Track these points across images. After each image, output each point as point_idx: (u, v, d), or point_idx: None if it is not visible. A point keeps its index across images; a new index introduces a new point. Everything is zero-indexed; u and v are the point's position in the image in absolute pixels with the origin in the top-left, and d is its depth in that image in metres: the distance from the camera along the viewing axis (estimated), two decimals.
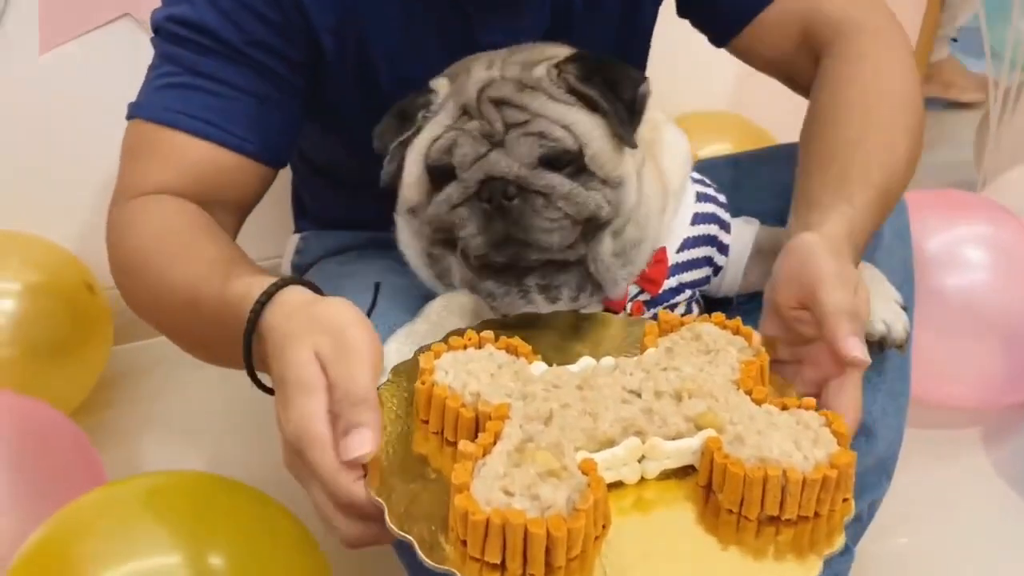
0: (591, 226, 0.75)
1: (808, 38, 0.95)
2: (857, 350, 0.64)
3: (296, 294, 0.66)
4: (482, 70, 0.78)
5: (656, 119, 0.84)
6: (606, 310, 0.80)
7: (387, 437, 0.58)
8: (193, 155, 0.82)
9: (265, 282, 0.67)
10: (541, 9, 0.90)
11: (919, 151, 0.87)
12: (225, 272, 0.73)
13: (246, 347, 0.66)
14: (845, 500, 0.56)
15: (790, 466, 0.54)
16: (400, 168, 0.79)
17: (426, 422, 0.61)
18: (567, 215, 0.73)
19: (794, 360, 0.70)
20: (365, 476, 0.56)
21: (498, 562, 0.49)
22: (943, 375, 1.30)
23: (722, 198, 0.89)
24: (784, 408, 0.60)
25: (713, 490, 0.56)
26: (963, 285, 1.34)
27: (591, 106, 0.75)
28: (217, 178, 0.84)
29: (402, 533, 0.51)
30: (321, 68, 0.88)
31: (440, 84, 0.80)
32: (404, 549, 0.63)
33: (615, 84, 0.76)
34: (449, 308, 0.77)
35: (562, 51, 0.80)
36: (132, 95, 1.36)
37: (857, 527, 0.92)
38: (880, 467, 0.90)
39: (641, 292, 0.83)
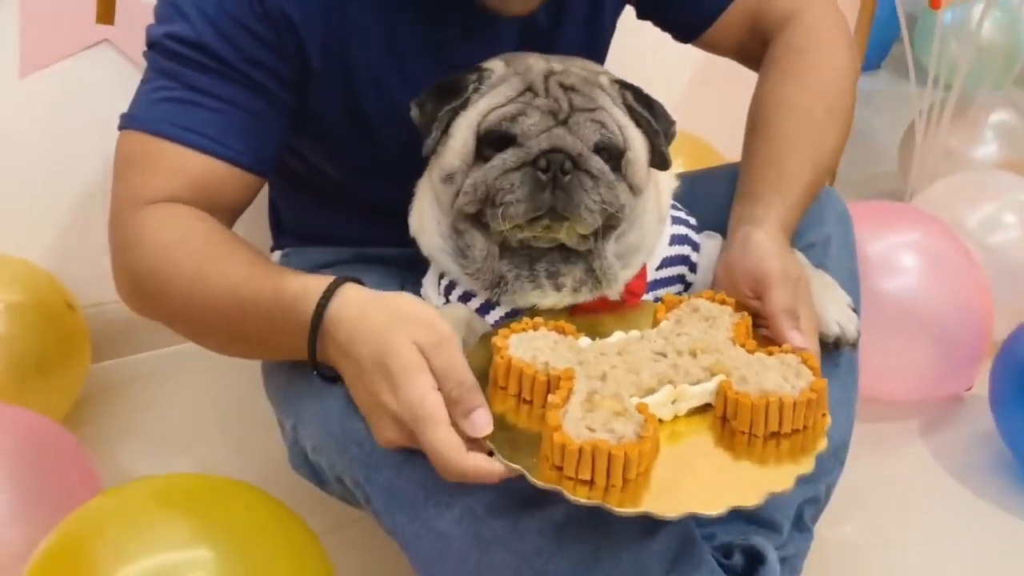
0: (606, 223, 0.81)
1: (758, 28, 1.05)
2: (799, 340, 0.79)
3: (356, 290, 0.75)
4: (542, 62, 0.85)
5: None
6: None
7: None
8: (192, 166, 0.86)
9: (321, 281, 0.75)
10: (511, 30, 0.97)
11: (846, 133, 0.99)
12: (267, 272, 0.80)
13: (311, 339, 0.74)
14: (823, 415, 0.73)
15: (784, 394, 0.71)
16: (444, 136, 0.83)
17: (504, 388, 0.74)
18: (604, 201, 0.79)
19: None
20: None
21: (588, 479, 0.64)
22: (882, 371, 1.38)
23: (692, 221, 0.98)
24: (770, 354, 0.78)
25: (727, 419, 0.73)
26: (898, 288, 1.42)
27: (638, 125, 0.84)
28: (214, 187, 0.88)
29: (515, 466, 0.66)
30: (310, 85, 0.92)
31: (495, 64, 0.85)
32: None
33: (659, 115, 0.86)
34: (451, 320, 0.82)
35: (600, 68, 0.89)
36: (111, 118, 1.38)
37: (815, 508, 0.99)
38: (834, 453, 0.96)
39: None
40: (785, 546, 0.94)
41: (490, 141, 0.80)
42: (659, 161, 0.85)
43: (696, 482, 0.68)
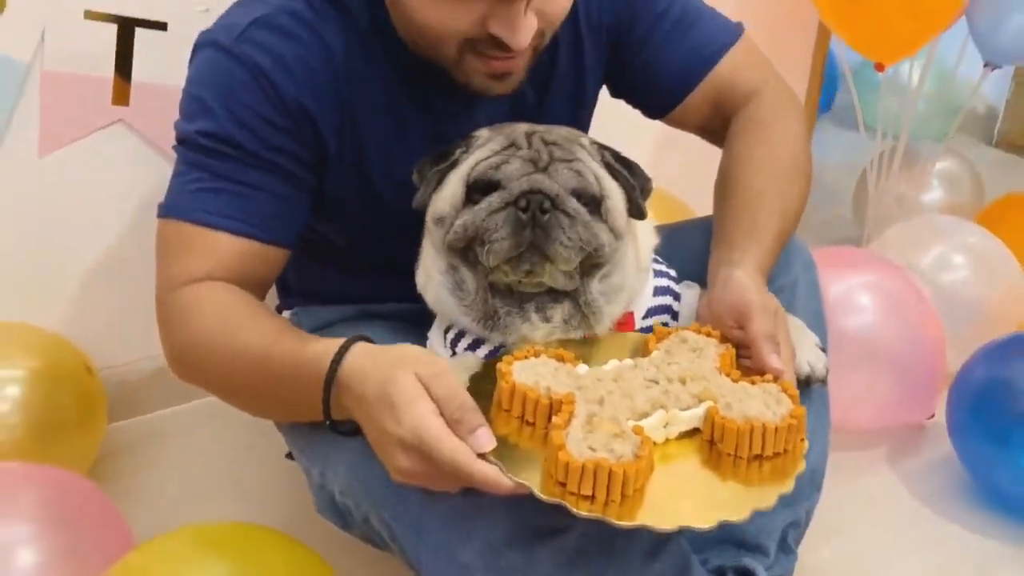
0: (589, 263, 0.89)
1: (722, 105, 1.14)
2: (777, 364, 0.85)
3: (364, 346, 0.82)
4: (526, 125, 0.94)
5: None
6: None
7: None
8: (226, 248, 0.95)
9: (335, 343, 0.82)
10: (503, 107, 1.06)
11: (807, 197, 1.09)
12: (291, 338, 0.88)
13: (326, 397, 0.82)
14: (802, 440, 0.79)
15: (766, 420, 0.77)
16: (433, 192, 0.92)
17: (508, 411, 0.79)
18: (580, 240, 0.86)
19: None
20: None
21: (590, 495, 0.70)
22: (848, 402, 1.42)
23: (673, 273, 1.05)
24: (753, 383, 0.83)
25: (715, 442, 0.78)
26: (859, 326, 1.49)
27: (616, 179, 0.93)
28: (247, 264, 0.96)
29: (522, 482, 0.71)
30: (326, 166, 1.01)
31: (482, 131, 0.95)
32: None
33: (635, 173, 0.95)
34: (457, 368, 0.90)
35: (580, 132, 0.98)
36: (125, 193, 1.48)
37: (798, 531, 1.07)
38: (811, 479, 1.05)
39: None
40: (772, 567, 1.03)
41: (478, 188, 0.88)
42: (635, 211, 0.93)
43: (687, 499, 0.73)
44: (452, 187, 0.91)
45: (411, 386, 0.75)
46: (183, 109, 0.99)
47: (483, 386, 0.82)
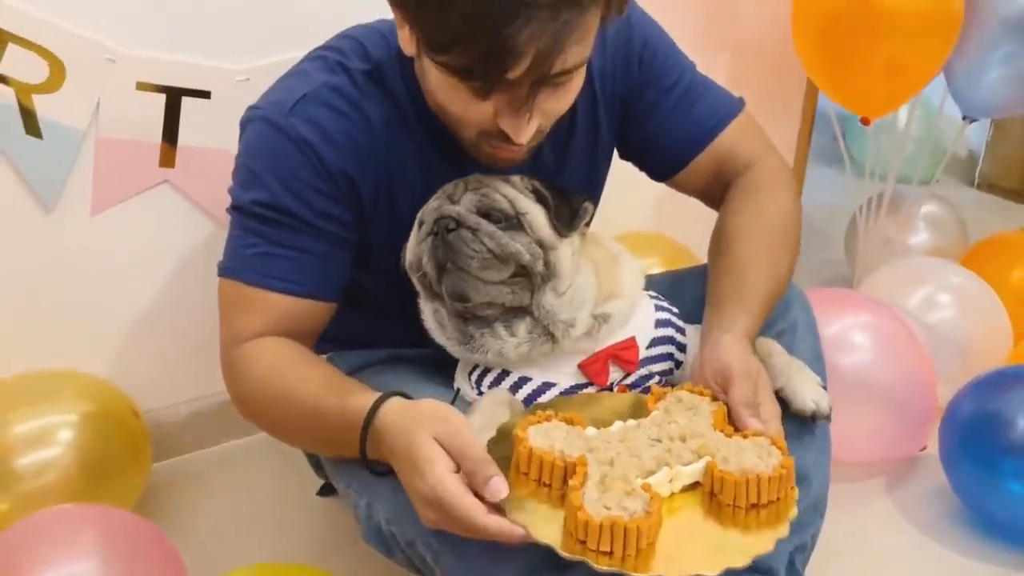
0: (527, 274, 1.00)
1: (722, 172, 1.22)
2: (757, 426, 0.92)
3: (392, 405, 0.92)
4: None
5: (617, 251, 1.12)
6: (599, 390, 1.05)
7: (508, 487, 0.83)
8: (281, 306, 1.05)
9: (372, 397, 0.93)
10: (523, 170, 1.13)
11: (796, 261, 1.16)
12: (337, 391, 0.98)
13: (362, 449, 0.93)
14: (792, 488, 0.85)
15: (760, 471, 0.84)
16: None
17: (526, 474, 0.85)
18: (490, 250, 0.98)
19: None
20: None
21: (608, 550, 0.76)
22: (845, 436, 1.39)
23: (675, 310, 1.13)
24: (745, 437, 0.90)
25: (715, 493, 0.85)
26: (854, 363, 1.53)
27: (542, 202, 1.04)
28: (297, 319, 1.06)
29: (544, 541, 0.77)
30: (365, 223, 1.11)
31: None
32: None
33: (567, 195, 1.06)
34: (494, 403, 1.00)
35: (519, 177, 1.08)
36: (168, 248, 1.55)
37: (804, 555, 1.12)
38: (815, 507, 1.10)
39: (626, 376, 1.06)
40: None
41: (448, 228, 1.00)
42: (555, 225, 1.03)
43: (694, 548, 0.78)
44: (411, 236, 1.05)
45: (430, 447, 0.84)
46: (238, 178, 1.07)
47: (501, 450, 0.89)
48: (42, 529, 1.14)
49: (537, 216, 1.03)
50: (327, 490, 1.58)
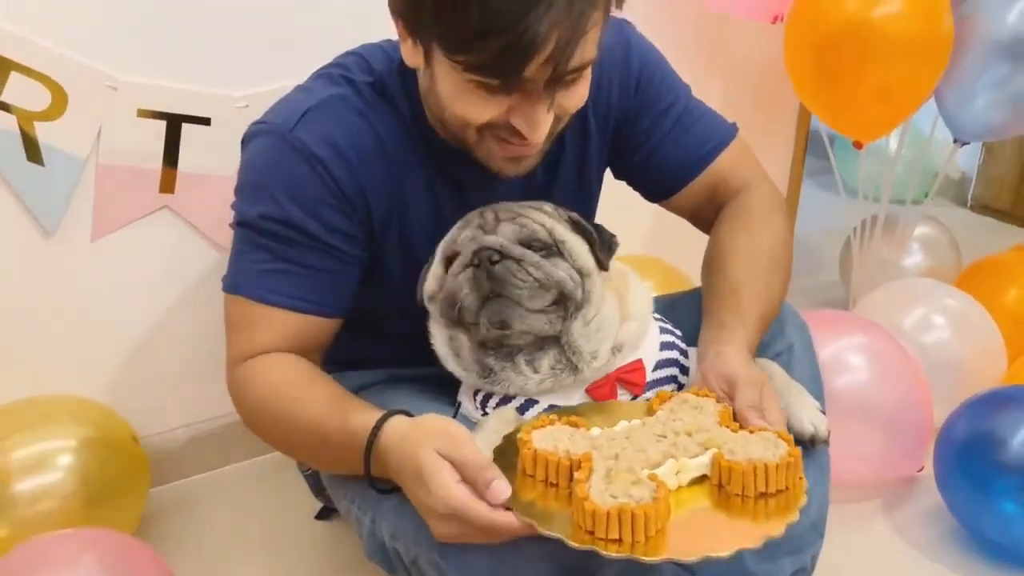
0: (566, 301, 1.00)
1: (715, 196, 1.24)
2: (763, 424, 0.93)
3: (398, 421, 0.93)
4: (484, 207, 1.07)
5: (625, 271, 1.13)
6: None
7: (512, 492, 0.84)
8: (288, 323, 1.05)
9: (374, 417, 0.93)
10: (517, 184, 1.14)
11: (788, 284, 1.17)
12: (342, 408, 0.98)
13: (367, 468, 0.93)
14: (800, 478, 0.85)
15: (768, 459, 0.84)
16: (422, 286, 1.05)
17: (532, 476, 0.86)
18: (536, 279, 0.97)
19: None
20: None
21: (616, 538, 0.76)
22: (842, 457, 1.39)
23: (679, 332, 1.14)
24: (751, 432, 0.90)
25: (722, 485, 0.85)
26: (849, 385, 1.54)
27: (581, 233, 1.05)
28: (306, 335, 1.07)
29: (554, 534, 0.78)
30: (375, 239, 1.11)
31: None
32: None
33: (600, 230, 1.08)
34: (500, 421, 1.00)
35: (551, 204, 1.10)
36: (168, 273, 1.56)
37: None
38: (814, 528, 1.10)
39: (633, 399, 1.07)
40: None
41: (448, 262, 1.01)
42: (596, 259, 1.04)
43: (705, 535, 0.78)
44: (435, 268, 1.04)
45: (433, 461, 0.85)
46: (243, 194, 1.07)
47: (507, 457, 0.90)
48: (43, 553, 1.14)
49: (575, 244, 1.04)
50: (325, 514, 1.59)
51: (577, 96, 1.01)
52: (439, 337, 1.07)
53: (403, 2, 0.95)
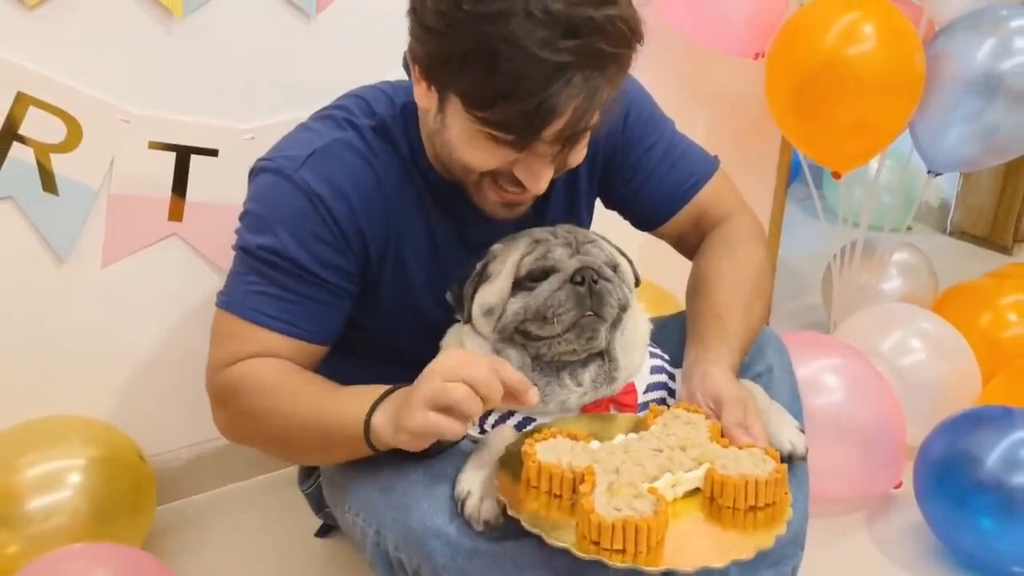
0: (617, 316, 1.07)
1: (700, 225, 1.30)
2: (749, 440, 0.98)
3: (381, 407, 0.98)
4: (536, 229, 1.13)
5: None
6: None
7: (517, 502, 0.89)
8: (273, 344, 1.08)
9: (371, 397, 0.99)
10: (512, 222, 1.16)
11: (768, 311, 1.21)
12: (338, 397, 1.03)
13: (369, 445, 0.98)
14: (786, 492, 0.90)
15: (758, 475, 0.89)
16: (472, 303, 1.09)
17: (536, 487, 0.90)
18: (619, 299, 1.05)
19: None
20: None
21: (620, 548, 0.80)
22: (821, 474, 1.37)
23: (666, 356, 1.19)
24: (740, 448, 0.95)
25: (714, 498, 0.90)
26: (827, 404, 1.59)
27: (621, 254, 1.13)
28: (291, 357, 1.10)
29: (562, 544, 0.82)
30: (370, 272, 1.16)
31: (494, 247, 1.12)
32: None
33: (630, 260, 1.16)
34: (502, 439, 1.04)
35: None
36: (172, 297, 1.61)
37: None
38: (795, 541, 1.13)
39: None
40: None
41: (531, 277, 1.06)
42: (636, 277, 1.14)
43: (701, 545, 0.83)
44: (499, 283, 1.08)
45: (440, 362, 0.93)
46: (247, 223, 1.11)
47: (511, 469, 0.94)
48: (57, 568, 1.18)
49: (625, 265, 1.13)
50: (325, 531, 1.64)
51: (579, 154, 1.08)
52: (479, 352, 1.09)
53: (426, 53, 0.99)
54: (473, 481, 0.99)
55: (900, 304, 2.07)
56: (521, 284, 1.07)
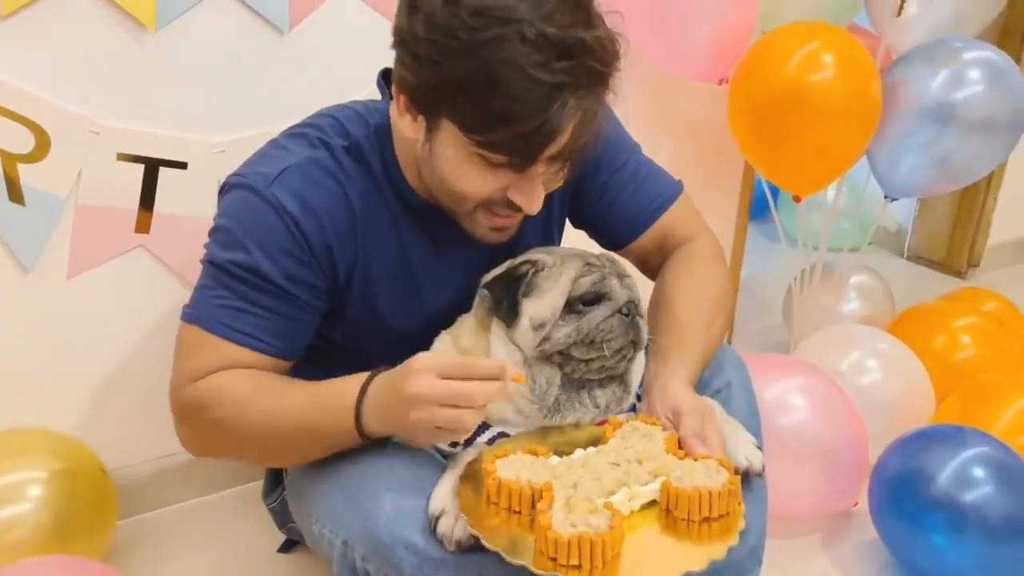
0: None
1: (663, 245, 1.34)
2: (705, 451, 1.01)
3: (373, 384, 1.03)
4: (580, 250, 1.19)
5: None
6: None
7: (478, 518, 0.91)
8: (241, 357, 1.09)
9: (357, 383, 1.03)
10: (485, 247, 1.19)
11: (728, 323, 1.25)
12: (320, 390, 1.06)
13: (359, 430, 1.03)
14: (739, 503, 0.94)
15: (712, 487, 0.92)
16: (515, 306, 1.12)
17: (496, 504, 0.92)
18: (647, 333, 1.14)
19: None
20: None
21: (577, 564, 0.83)
22: (782, 492, 1.47)
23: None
24: (695, 460, 0.98)
25: (670, 510, 0.93)
26: (789, 423, 1.62)
27: None
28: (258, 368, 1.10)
29: (520, 562, 0.84)
30: (338, 289, 1.17)
31: (541, 257, 1.16)
32: None
33: None
34: (460, 462, 1.06)
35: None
36: (141, 311, 1.59)
37: None
38: (752, 555, 1.15)
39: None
40: None
41: (584, 301, 1.11)
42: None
43: (655, 558, 0.86)
44: (550, 299, 1.11)
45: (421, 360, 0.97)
46: (216, 237, 1.11)
47: (472, 485, 0.96)
48: None
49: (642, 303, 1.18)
50: (288, 546, 1.63)
51: (563, 174, 1.11)
52: (509, 360, 1.11)
53: (419, 82, 1.01)
54: (448, 499, 1.00)
55: (858, 325, 2.12)
56: (572, 305, 1.11)
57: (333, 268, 1.14)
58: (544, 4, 0.94)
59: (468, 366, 0.96)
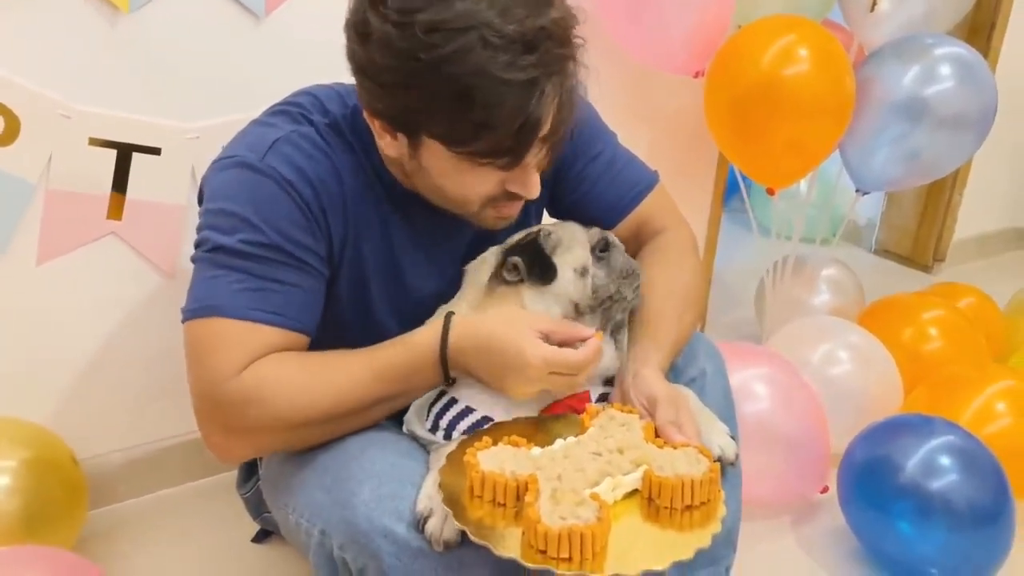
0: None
1: (639, 235, 1.34)
2: (679, 439, 1.02)
3: (459, 321, 1.09)
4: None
5: None
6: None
7: (463, 511, 0.90)
8: (268, 339, 1.04)
9: (435, 326, 1.09)
10: (468, 227, 1.19)
11: (701, 313, 1.27)
12: (379, 348, 1.09)
13: (444, 368, 1.08)
14: (719, 491, 0.94)
15: (693, 475, 0.92)
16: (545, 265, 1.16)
17: (480, 497, 0.91)
18: None
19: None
20: None
21: (567, 556, 0.82)
22: (751, 479, 1.38)
23: None
24: (675, 448, 0.99)
25: (652, 498, 0.93)
26: (756, 411, 1.64)
27: None
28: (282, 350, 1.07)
29: (508, 555, 0.83)
30: (331, 257, 1.13)
31: (548, 226, 1.22)
32: None
33: None
34: (442, 454, 1.04)
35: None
36: (112, 298, 1.57)
37: None
38: (727, 539, 1.20)
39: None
40: None
41: (600, 248, 1.19)
42: None
43: (641, 547, 0.86)
44: (578, 250, 1.18)
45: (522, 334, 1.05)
46: (217, 224, 1.06)
47: (454, 479, 0.94)
48: None
49: None
50: (261, 536, 1.62)
51: (556, 150, 1.12)
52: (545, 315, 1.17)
53: (387, 107, 1.01)
54: (435, 499, 0.98)
55: (829, 317, 2.14)
56: (593, 251, 1.19)
57: (329, 236, 1.12)
58: (499, 1, 0.93)
59: (569, 327, 1.07)
